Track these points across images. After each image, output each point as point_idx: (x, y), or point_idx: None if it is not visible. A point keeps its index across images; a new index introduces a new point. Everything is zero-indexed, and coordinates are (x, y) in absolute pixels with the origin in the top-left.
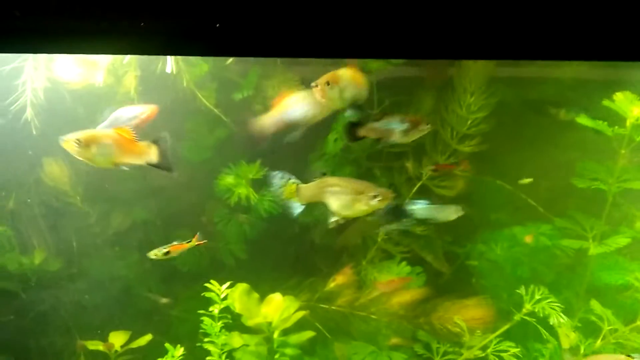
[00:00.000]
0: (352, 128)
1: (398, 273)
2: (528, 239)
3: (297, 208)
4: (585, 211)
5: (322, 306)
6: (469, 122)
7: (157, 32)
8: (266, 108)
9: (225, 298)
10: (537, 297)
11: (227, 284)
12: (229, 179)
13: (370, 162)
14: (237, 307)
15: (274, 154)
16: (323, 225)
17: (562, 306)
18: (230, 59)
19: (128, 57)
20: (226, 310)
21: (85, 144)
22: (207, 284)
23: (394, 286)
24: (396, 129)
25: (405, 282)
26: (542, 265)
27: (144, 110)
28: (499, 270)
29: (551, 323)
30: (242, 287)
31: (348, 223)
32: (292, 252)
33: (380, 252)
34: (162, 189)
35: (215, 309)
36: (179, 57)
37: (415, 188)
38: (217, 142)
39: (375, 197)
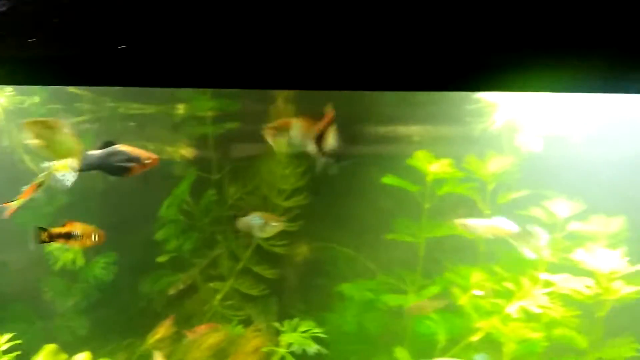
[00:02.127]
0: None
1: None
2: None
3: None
4: (408, 266)
5: None
6: (289, 179)
7: None
8: None
9: (7, 352)
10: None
11: (8, 335)
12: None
13: (212, 227)
14: None
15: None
16: (164, 293)
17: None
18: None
19: None
20: None
21: None
22: None
23: (200, 332)
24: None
25: (212, 327)
26: (368, 321)
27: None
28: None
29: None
30: (49, 348)
31: (191, 290)
32: (125, 318)
33: (219, 318)
34: None
35: None
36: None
37: (251, 249)
38: (57, 210)
39: None
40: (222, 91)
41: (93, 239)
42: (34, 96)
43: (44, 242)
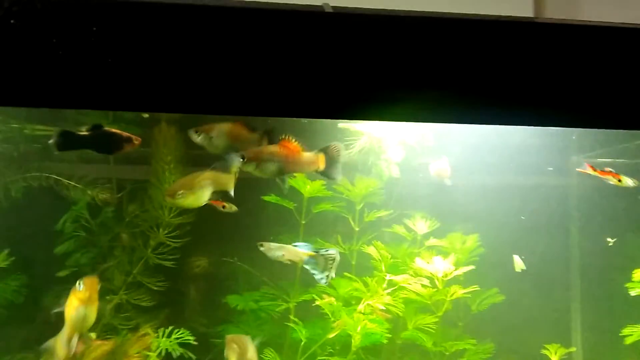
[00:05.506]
0: None
1: None
2: None
3: None
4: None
5: None
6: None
7: None
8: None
9: None
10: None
11: None
12: None
13: (111, 243)
14: None
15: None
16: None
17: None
18: None
19: None
20: None
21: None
22: None
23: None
24: None
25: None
26: (250, 328)
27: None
28: None
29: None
30: None
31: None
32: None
33: (108, 328)
34: None
35: None
36: None
37: (142, 261)
38: None
39: None
40: (123, 116)
41: None
42: None
43: None
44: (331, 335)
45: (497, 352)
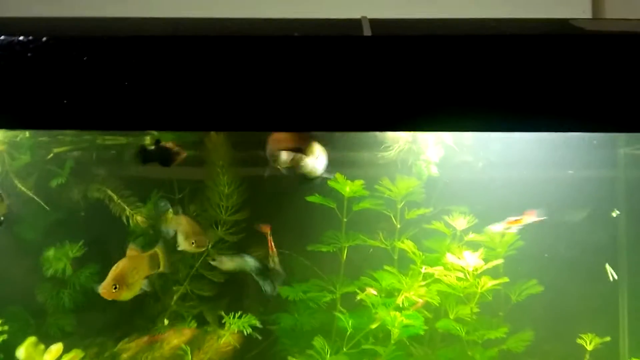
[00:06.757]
0: None
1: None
2: None
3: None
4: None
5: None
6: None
7: None
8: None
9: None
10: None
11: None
12: (50, 253)
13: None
14: (23, 358)
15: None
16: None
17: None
18: (51, 155)
19: None
20: None
21: None
22: None
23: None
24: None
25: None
26: (303, 317)
27: None
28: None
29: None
30: (30, 340)
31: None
32: (103, 319)
33: (175, 315)
34: None
35: None
36: None
37: (202, 257)
38: (50, 224)
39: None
40: None
41: None
42: (25, 131)
43: None
44: (373, 326)
45: (540, 340)
